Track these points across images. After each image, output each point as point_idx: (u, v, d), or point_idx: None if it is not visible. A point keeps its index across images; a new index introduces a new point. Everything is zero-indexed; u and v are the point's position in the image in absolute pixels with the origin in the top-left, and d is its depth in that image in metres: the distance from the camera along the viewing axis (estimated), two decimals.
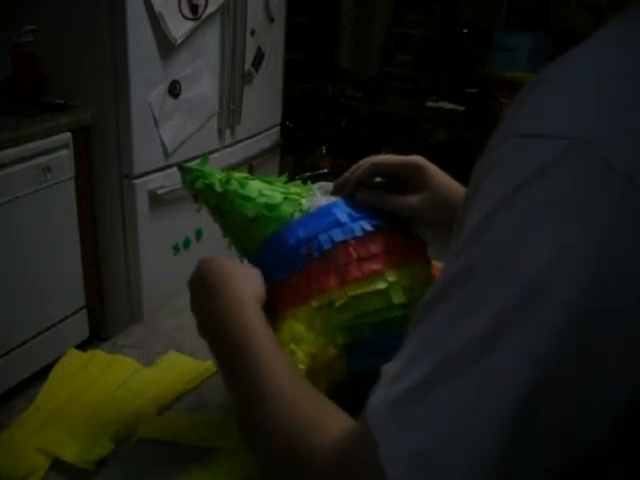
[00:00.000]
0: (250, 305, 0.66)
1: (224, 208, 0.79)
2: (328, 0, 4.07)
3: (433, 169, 0.79)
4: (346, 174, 0.83)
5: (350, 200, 0.80)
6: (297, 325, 0.73)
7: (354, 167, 0.82)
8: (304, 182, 0.85)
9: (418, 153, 0.83)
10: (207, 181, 0.79)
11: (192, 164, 0.82)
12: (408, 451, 0.39)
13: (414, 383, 0.40)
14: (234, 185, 0.79)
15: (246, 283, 0.70)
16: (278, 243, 0.77)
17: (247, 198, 0.78)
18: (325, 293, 0.72)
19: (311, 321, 0.73)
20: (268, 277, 0.78)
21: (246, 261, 0.83)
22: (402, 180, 0.80)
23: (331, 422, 0.48)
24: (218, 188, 0.79)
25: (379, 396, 0.42)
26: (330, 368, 0.73)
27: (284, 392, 0.54)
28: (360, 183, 0.81)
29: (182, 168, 0.82)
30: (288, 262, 0.75)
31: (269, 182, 0.82)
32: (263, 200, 0.78)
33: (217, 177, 0.80)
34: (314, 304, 0.73)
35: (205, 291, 0.69)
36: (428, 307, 0.43)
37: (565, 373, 0.37)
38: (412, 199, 0.78)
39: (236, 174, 0.81)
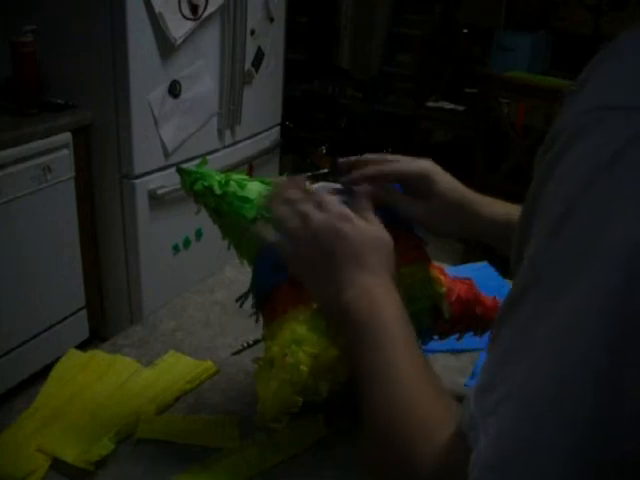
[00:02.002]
0: (381, 292, 0.63)
1: (223, 210, 0.79)
2: (328, 0, 4.07)
3: (438, 177, 0.77)
4: (357, 174, 0.78)
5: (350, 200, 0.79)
6: (299, 326, 0.73)
7: (368, 168, 0.78)
8: None
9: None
10: (206, 183, 0.79)
11: (191, 166, 0.81)
12: (487, 451, 0.39)
13: (502, 394, 0.40)
14: (233, 187, 0.79)
15: (375, 253, 0.66)
16: None
17: (246, 199, 0.78)
18: None
19: (313, 322, 0.73)
20: (269, 278, 0.78)
21: (246, 262, 0.83)
22: (410, 188, 0.78)
23: (437, 426, 0.49)
24: (217, 190, 0.78)
25: (476, 406, 0.42)
26: (332, 369, 0.73)
27: (399, 387, 0.54)
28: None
29: (181, 170, 0.81)
30: None
31: (268, 183, 0.82)
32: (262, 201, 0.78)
33: (216, 179, 0.79)
34: (315, 305, 0.73)
35: (330, 273, 0.65)
36: (514, 302, 0.42)
37: None
38: (418, 209, 0.76)
39: (235, 175, 0.81)
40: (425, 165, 0.78)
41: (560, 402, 0.37)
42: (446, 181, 0.77)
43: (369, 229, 0.68)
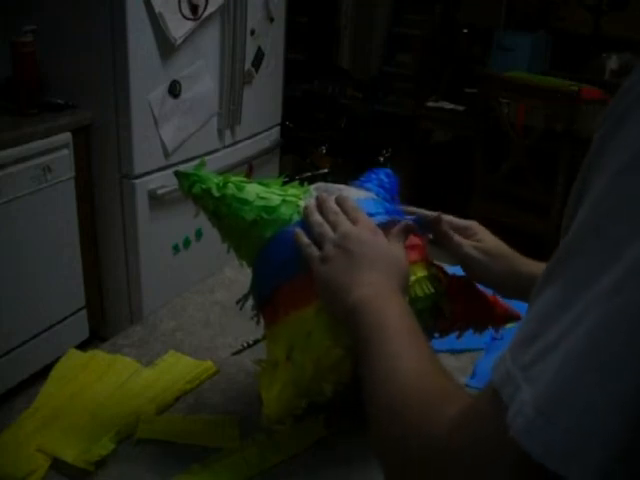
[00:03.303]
0: (388, 292, 0.67)
1: (222, 212, 0.79)
2: (328, 0, 4.07)
3: (482, 229, 0.85)
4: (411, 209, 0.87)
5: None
6: (302, 327, 0.73)
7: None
8: (302, 183, 0.85)
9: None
10: (204, 186, 0.78)
11: (188, 169, 0.81)
12: (533, 399, 0.37)
13: (549, 342, 0.38)
14: (231, 189, 0.78)
15: (390, 267, 0.71)
16: (280, 245, 0.77)
17: (245, 201, 0.78)
18: None
19: (315, 323, 0.73)
20: (271, 279, 0.78)
21: (245, 264, 0.83)
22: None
23: (451, 396, 0.48)
24: (215, 192, 0.78)
25: (514, 361, 0.40)
26: (336, 370, 0.73)
27: (405, 366, 0.55)
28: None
29: (178, 174, 0.81)
30: (290, 264, 0.75)
31: (266, 184, 0.81)
32: (261, 203, 0.78)
33: (214, 181, 0.79)
34: (319, 305, 0.73)
35: (346, 273, 0.70)
36: (563, 258, 0.40)
37: None
38: (465, 250, 0.82)
39: (233, 177, 0.81)
40: (473, 222, 0.87)
41: (628, 342, 0.35)
42: (489, 234, 0.85)
43: (391, 247, 0.74)
